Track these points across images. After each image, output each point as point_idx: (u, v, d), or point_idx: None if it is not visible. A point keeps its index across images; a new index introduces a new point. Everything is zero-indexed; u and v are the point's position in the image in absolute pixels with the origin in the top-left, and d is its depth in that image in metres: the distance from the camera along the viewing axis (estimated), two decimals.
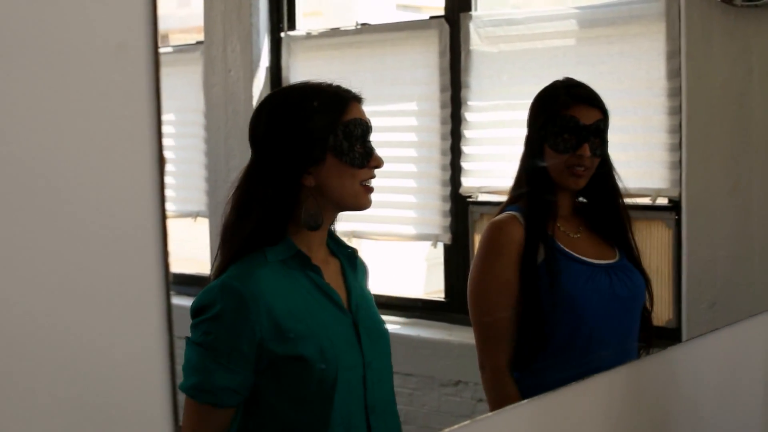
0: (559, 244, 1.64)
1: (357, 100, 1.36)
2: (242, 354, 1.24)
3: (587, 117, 1.64)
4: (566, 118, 1.63)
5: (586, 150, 1.63)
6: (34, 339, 0.80)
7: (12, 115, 0.78)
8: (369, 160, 1.33)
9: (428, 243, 2.04)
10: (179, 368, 0.96)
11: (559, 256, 1.61)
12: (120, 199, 0.87)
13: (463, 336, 1.90)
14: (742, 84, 2.21)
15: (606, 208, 1.74)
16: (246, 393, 1.26)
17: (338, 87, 1.36)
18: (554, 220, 1.65)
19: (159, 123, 0.90)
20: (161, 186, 0.89)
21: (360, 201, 1.34)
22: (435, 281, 1.98)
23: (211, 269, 1.30)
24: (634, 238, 1.75)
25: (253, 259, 1.28)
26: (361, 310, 1.35)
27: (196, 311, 1.24)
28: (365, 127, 1.33)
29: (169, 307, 0.93)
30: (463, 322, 1.93)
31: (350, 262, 1.40)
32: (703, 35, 2.13)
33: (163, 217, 0.89)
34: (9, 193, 0.78)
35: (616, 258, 1.71)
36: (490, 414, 1.42)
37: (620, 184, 1.75)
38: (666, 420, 1.83)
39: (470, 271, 1.67)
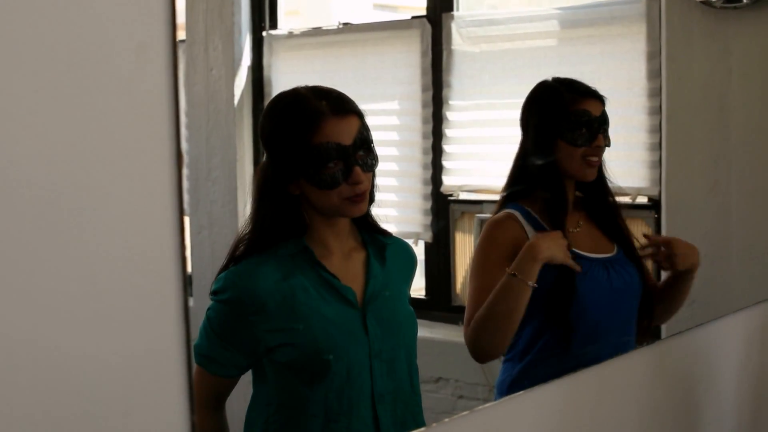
0: None
1: (336, 113, 1.26)
2: (236, 340, 1.30)
3: (595, 109, 1.68)
4: (579, 113, 1.66)
5: (601, 140, 1.69)
6: (51, 339, 0.82)
7: (31, 116, 0.79)
8: (348, 178, 1.27)
9: (409, 241, 2.04)
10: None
11: None
12: (139, 196, 0.88)
13: (444, 333, 1.91)
14: (721, 85, 2.23)
15: (602, 202, 1.76)
16: (236, 372, 1.33)
17: (313, 101, 1.26)
18: (566, 214, 1.65)
19: (177, 121, 0.92)
20: (179, 182, 0.91)
21: (345, 212, 1.32)
22: (416, 279, 1.99)
23: (228, 254, 1.32)
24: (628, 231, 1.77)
25: (265, 254, 1.30)
26: (378, 301, 1.35)
27: (212, 291, 1.31)
28: (336, 149, 1.24)
29: (186, 306, 0.93)
30: (444, 319, 1.94)
31: (379, 253, 1.38)
32: (683, 36, 2.15)
33: (181, 213, 0.91)
34: (26, 193, 0.79)
35: (614, 252, 1.73)
36: (488, 405, 1.43)
37: (609, 181, 1.78)
38: (651, 416, 1.84)
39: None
